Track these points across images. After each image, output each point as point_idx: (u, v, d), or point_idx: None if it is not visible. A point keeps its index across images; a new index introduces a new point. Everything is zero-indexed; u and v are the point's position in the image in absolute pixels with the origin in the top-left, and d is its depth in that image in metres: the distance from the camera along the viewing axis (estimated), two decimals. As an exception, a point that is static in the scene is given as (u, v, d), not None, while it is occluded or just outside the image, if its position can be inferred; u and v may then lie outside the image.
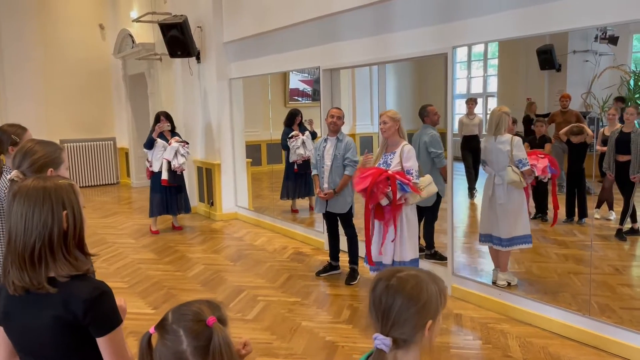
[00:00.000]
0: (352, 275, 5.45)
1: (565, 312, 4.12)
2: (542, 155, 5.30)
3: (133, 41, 10.65)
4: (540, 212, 6.53)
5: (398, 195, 4.18)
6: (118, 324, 1.69)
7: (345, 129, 11.74)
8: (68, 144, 12.17)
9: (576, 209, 6.35)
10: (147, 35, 10.30)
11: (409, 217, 4.38)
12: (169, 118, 7.56)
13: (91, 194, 11.59)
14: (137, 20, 9.71)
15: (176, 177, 7.46)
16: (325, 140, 5.55)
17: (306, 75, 10.90)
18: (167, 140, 7.41)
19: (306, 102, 10.96)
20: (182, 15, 8.17)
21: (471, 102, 8.24)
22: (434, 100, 9.01)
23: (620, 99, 5.93)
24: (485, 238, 5.10)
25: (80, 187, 7.49)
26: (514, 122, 6.26)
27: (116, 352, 1.67)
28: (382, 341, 1.41)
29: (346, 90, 12.15)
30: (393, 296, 1.43)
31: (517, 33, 4.34)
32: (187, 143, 7.59)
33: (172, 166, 7.31)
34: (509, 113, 5.05)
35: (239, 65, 8.23)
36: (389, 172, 4.25)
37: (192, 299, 4.57)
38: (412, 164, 4.33)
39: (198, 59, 8.70)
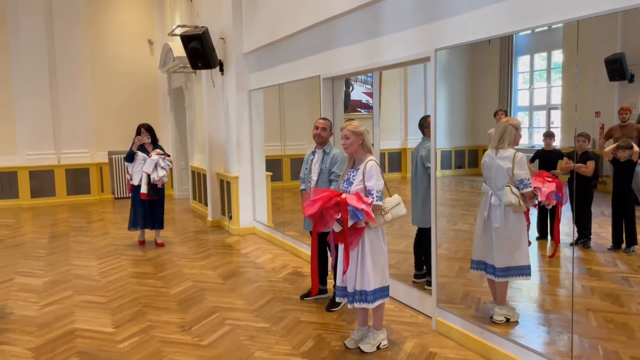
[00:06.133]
0: (334, 301, 4.97)
1: (548, 361, 3.44)
2: (550, 179, 4.57)
3: (173, 55, 10.80)
4: (582, 237, 5.74)
5: (350, 223, 3.71)
6: None
7: (395, 145, 11.19)
8: (116, 155, 12.57)
9: (624, 235, 5.55)
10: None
11: (372, 242, 3.88)
12: (150, 130, 7.40)
13: (132, 204, 11.82)
14: (171, 34, 9.82)
15: (156, 190, 7.28)
16: (313, 152, 5.16)
17: (369, 87, 10.57)
18: (148, 153, 7.26)
19: (365, 113, 10.66)
20: (202, 26, 8.11)
21: (501, 112, 7.53)
22: (491, 114, 8.32)
23: None
24: (478, 265, 4.48)
25: (126, 197, 7.32)
26: (551, 136, 5.59)
27: None
28: None
29: (398, 98, 11.53)
30: None
31: (508, 29, 3.73)
32: (168, 155, 7.41)
33: (152, 179, 7.13)
34: (518, 126, 4.41)
35: (258, 76, 8.03)
36: (343, 195, 3.79)
37: (161, 318, 4.27)
38: (373, 183, 3.84)
39: (222, 70, 8.60)
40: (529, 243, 4.41)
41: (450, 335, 4.23)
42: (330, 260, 5.24)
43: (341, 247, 3.98)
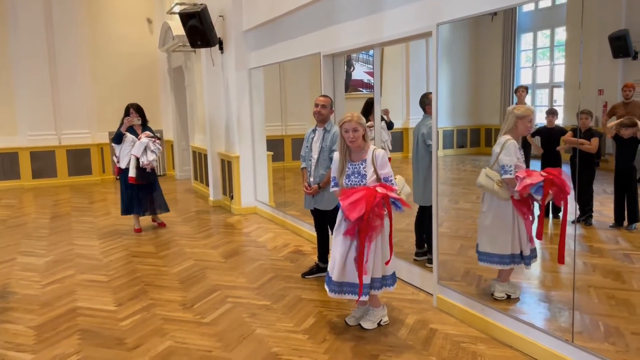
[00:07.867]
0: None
1: (548, 336, 3.44)
2: (545, 174, 4.33)
3: (172, 34, 10.68)
4: (584, 213, 5.71)
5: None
6: None
7: (397, 124, 11.09)
8: (116, 136, 12.51)
9: (626, 213, 5.52)
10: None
11: (384, 228, 3.86)
12: (139, 111, 7.05)
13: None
14: (169, 12, 9.70)
15: (145, 174, 6.98)
16: (314, 130, 5.11)
17: (371, 66, 10.50)
18: (137, 135, 6.97)
19: (366, 93, 10.57)
20: (201, 4, 7.99)
21: (522, 89, 7.45)
22: (494, 92, 8.22)
23: None
24: (483, 246, 4.46)
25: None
26: (553, 113, 5.50)
27: None
28: None
29: (400, 78, 11.40)
30: None
31: (511, 1, 3.67)
32: (159, 138, 7.14)
33: (141, 163, 6.88)
34: (522, 116, 4.30)
35: (258, 54, 7.94)
36: (378, 190, 3.67)
37: (162, 296, 4.27)
38: (388, 170, 3.79)
39: (221, 49, 8.50)
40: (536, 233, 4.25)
41: (451, 312, 4.24)
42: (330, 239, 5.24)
43: (339, 240, 3.82)
